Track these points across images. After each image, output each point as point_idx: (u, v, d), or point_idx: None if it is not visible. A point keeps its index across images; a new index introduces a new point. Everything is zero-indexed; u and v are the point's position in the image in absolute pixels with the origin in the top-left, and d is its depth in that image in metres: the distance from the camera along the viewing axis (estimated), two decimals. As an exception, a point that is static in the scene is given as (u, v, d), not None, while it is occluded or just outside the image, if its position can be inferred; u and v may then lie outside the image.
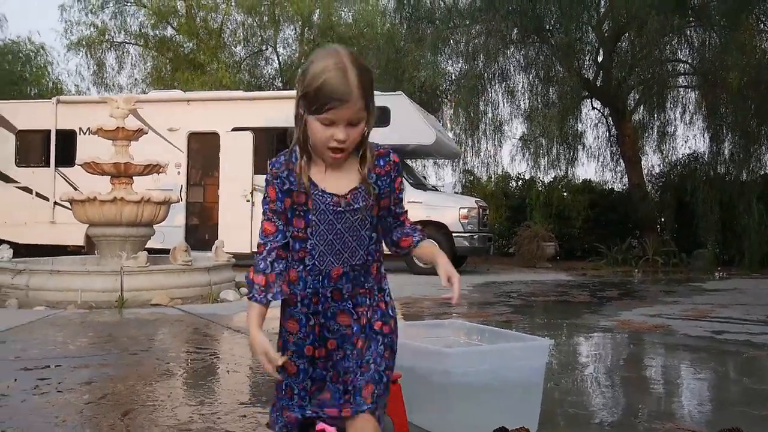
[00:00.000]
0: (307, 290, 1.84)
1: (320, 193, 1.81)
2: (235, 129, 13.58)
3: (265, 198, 1.88)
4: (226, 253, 9.51)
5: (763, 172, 15.80)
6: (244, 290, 9.04)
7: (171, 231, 12.10)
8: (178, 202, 10.37)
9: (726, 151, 16.32)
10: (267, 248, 1.85)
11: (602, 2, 17.45)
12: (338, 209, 1.81)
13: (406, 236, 1.97)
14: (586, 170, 36.62)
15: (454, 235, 12.71)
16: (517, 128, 23.55)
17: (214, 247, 9.56)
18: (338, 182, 1.82)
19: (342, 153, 1.77)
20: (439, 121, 17.74)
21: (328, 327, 1.85)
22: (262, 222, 1.88)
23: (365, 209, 1.85)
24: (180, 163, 13.77)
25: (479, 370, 2.77)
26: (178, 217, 12.92)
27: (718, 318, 7.44)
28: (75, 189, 12.80)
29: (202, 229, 13.82)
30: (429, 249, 1.98)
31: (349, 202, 1.83)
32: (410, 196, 12.63)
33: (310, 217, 1.81)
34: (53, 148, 14.36)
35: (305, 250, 1.83)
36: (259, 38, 24.88)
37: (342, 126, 1.72)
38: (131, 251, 8.68)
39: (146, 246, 9.19)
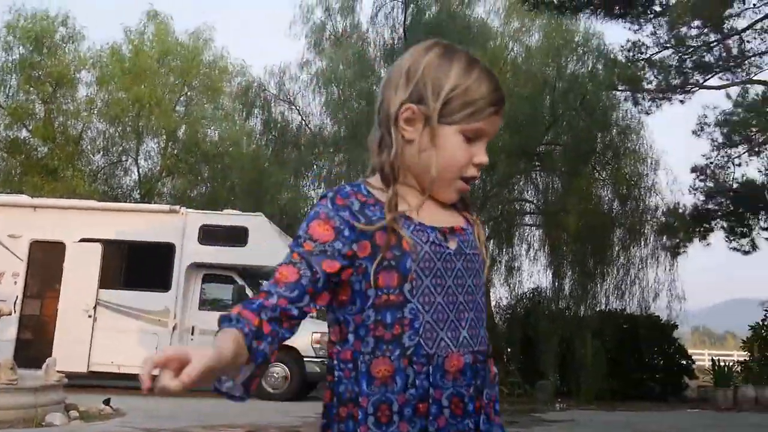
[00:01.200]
0: (410, 392, 1.20)
1: (418, 228, 1.26)
2: (83, 240, 13.00)
3: (300, 237, 1.25)
4: (58, 372, 8.84)
5: (599, 309, 16.84)
6: (74, 413, 8.39)
7: (-1, 345, 11.16)
8: (11, 314, 9.64)
9: (567, 288, 17.35)
10: (270, 300, 1.19)
11: (458, 142, 18.61)
12: (447, 252, 1.27)
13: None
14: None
15: (305, 359, 12.51)
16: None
17: (45, 365, 8.87)
18: (437, 216, 1.30)
19: (469, 184, 1.34)
20: (298, 244, 17.79)
21: None
22: (276, 268, 1.24)
23: (479, 260, 1.32)
24: (18, 272, 12.91)
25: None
26: (9, 330, 11.96)
27: (555, 451, 7.66)
28: None
29: (35, 345, 12.79)
30: None
31: (461, 241, 1.30)
32: (263, 317, 12.44)
33: (408, 264, 1.22)
34: None
35: (402, 322, 1.22)
36: (120, 148, 24.42)
37: (485, 144, 1.31)
38: (-52, 367, 7.90)
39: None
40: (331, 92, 18.02)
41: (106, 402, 9.12)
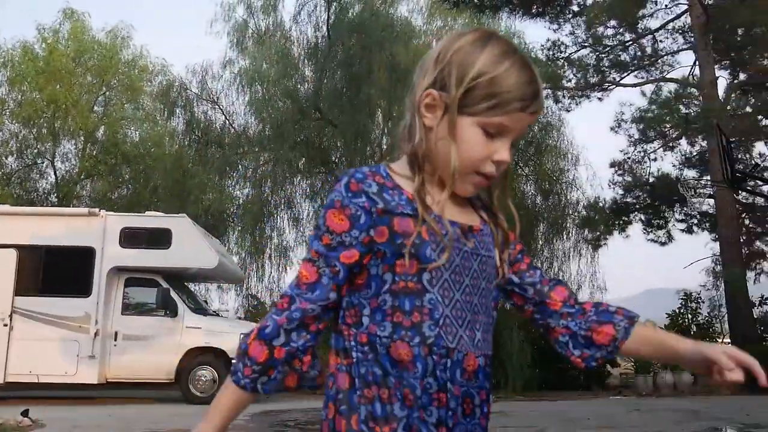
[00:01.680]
0: (428, 380, 1.18)
1: (438, 219, 1.21)
2: (-3, 245, 12.43)
3: (319, 230, 1.22)
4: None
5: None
6: (-11, 426, 8.04)
7: None
8: None
9: (493, 282, 17.61)
10: (293, 306, 1.20)
11: (384, 140, 18.67)
12: (465, 249, 1.23)
13: (597, 323, 1.32)
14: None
15: (234, 362, 12.26)
16: (301, 254, 23.97)
17: (-43, 377, 8.47)
18: (454, 212, 1.26)
19: (490, 180, 1.27)
20: (225, 245, 17.56)
21: None
22: (300, 265, 1.24)
23: (492, 264, 1.28)
24: (-73, 281, 12.26)
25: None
26: None
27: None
28: None
29: (-54, 357, 12.21)
30: (656, 331, 1.36)
31: (477, 242, 1.26)
32: (189, 321, 12.21)
33: (428, 253, 1.19)
34: None
35: (422, 310, 1.19)
36: (35, 150, 23.49)
37: (509, 141, 1.24)
38: None
39: None
40: (255, 91, 17.84)
41: (25, 413, 8.75)
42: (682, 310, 17.12)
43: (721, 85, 19.49)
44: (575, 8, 19.81)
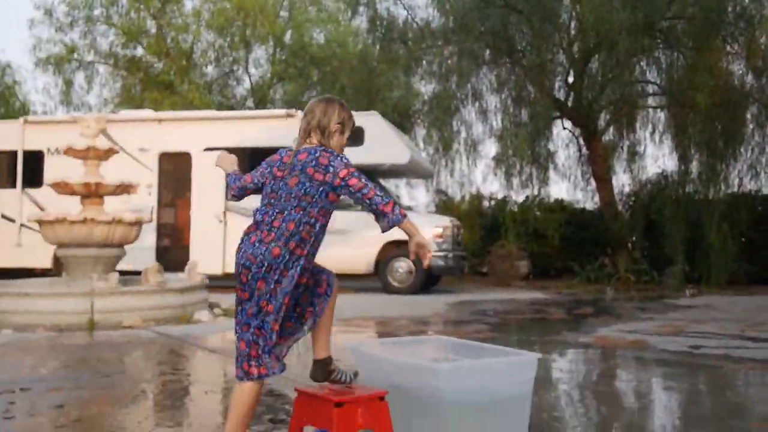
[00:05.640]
0: None
1: None
2: (207, 149, 13.43)
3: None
4: (199, 273, 9.35)
5: (729, 191, 16.02)
6: (218, 311, 8.91)
7: (142, 252, 11.89)
8: (150, 222, 10.21)
9: (694, 171, 16.53)
10: None
11: (572, 24, 17.69)
12: None
13: None
14: (558, 190, 36.70)
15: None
16: (489, 148, 23.68)
17: (187, 268, 9.40)
18: None
19: None
20: (413, 141, 17.78)
21: None
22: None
23: None
24: (151, 183, 13.55)
25: (469, 386, 2.72)
26: (148, 238, 12.69)
27: (695, 333, 7.48)
28: (42, 210, 12.55)
29: (173, 251, 13.56)
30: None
31: None
32: (384, 215, 12.61)
33: None
34: (20, 169, 14.07)
35: None
36: (230, 58, 24.78)
37: None
38: (102, 272, 8.49)
39: (116, 268, 9.00)
40: (436, -18, 17.39)
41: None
42: None
43: None
44: None
